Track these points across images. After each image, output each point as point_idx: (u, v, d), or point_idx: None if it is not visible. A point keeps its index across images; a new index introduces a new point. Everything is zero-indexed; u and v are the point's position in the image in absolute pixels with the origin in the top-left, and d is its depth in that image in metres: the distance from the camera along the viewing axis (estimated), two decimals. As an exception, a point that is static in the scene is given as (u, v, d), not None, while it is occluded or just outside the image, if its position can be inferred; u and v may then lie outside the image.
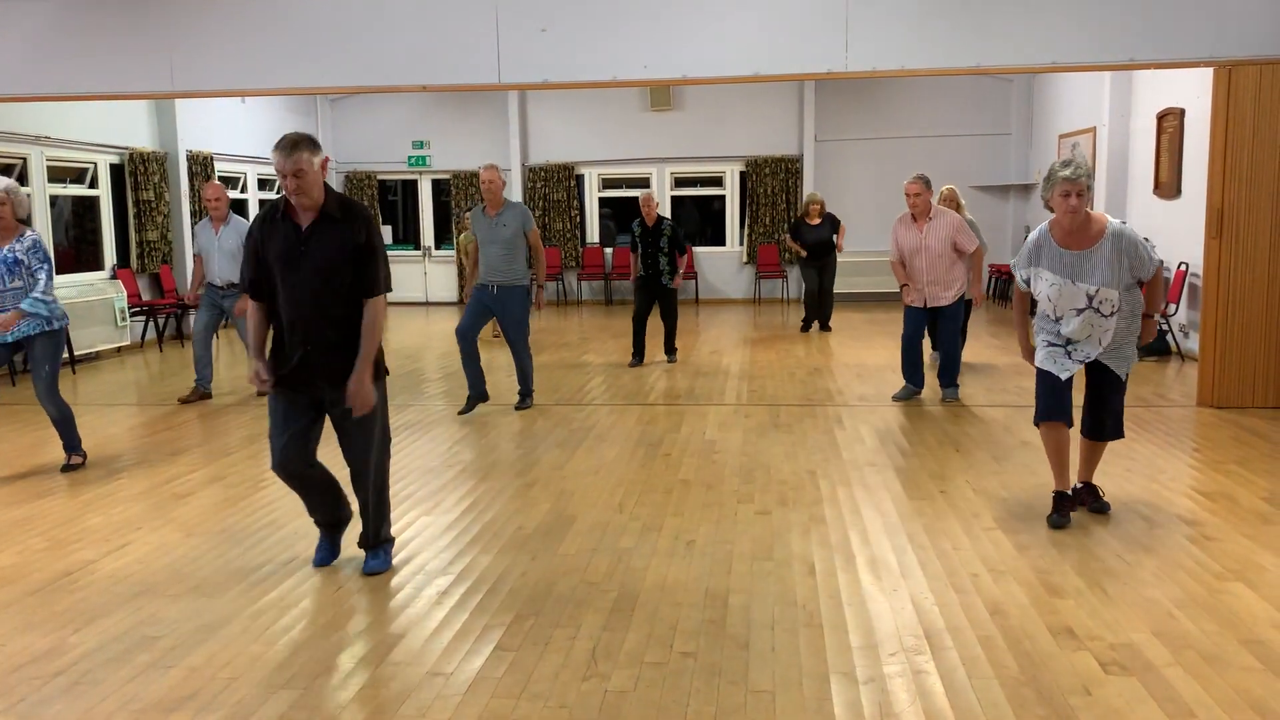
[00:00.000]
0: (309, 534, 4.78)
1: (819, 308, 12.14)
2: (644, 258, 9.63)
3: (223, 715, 3.09)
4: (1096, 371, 4.72)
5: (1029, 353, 4.89)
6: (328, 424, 4.23)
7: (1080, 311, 4.53)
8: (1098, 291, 4.47)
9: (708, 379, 8.94)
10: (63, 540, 4.75)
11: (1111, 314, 4.52)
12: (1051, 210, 4.56)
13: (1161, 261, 4.64)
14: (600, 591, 4.02)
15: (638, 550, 4.50)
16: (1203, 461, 5.87)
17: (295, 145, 3.91)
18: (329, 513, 4.36)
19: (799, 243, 11.99)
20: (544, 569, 4.29)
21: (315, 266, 3.96)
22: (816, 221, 11.92)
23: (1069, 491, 4.79)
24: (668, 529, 4.79)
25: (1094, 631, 3.56)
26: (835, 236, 11.95)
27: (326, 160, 4.02)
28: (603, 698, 3.16)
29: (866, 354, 10.23)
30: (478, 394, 7.58)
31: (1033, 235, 4.68)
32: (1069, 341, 4.63)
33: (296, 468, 4.13)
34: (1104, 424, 4.78)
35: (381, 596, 4.02)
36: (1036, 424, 4.82)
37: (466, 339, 7.49)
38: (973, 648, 3.45)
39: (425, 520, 5.02)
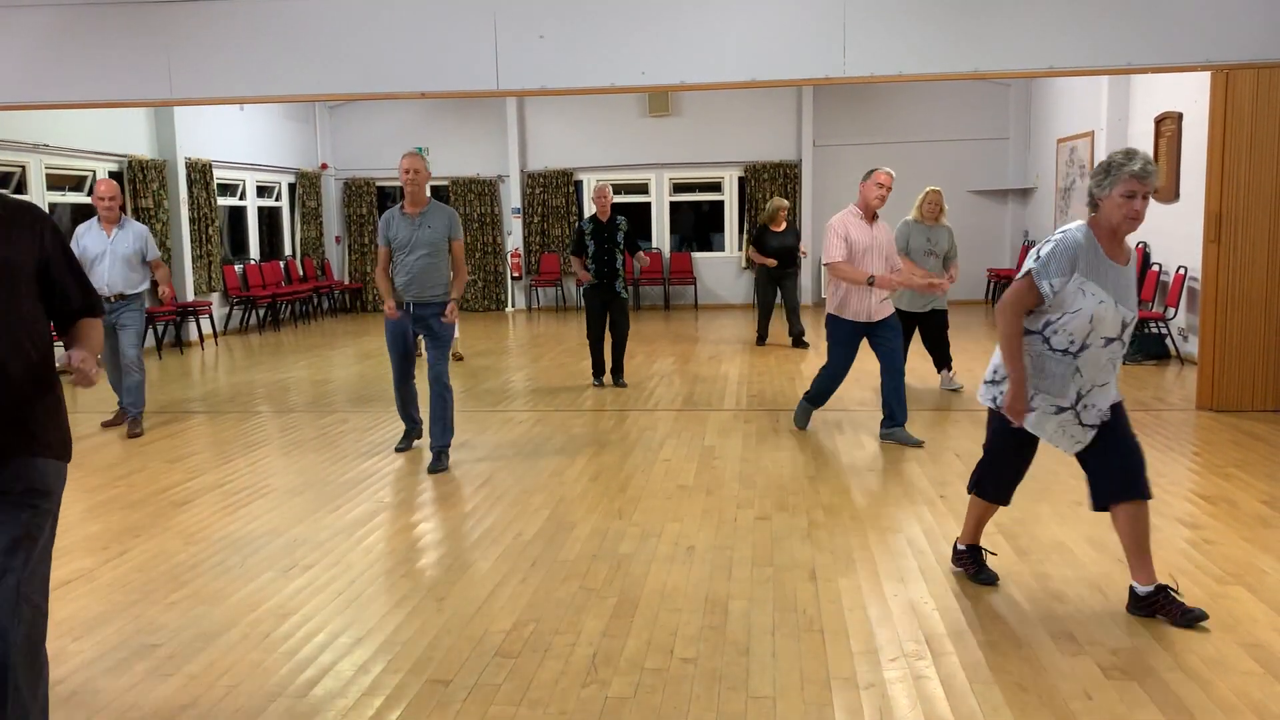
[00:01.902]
0: (308, 540, 4.78)
1: (769, 321, 11.63)
2: (596, 258, 8.62)
3: (222, 723, 3.09)
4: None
5: (1021, 400, 3.70)
6: None
7: (1109, 342, 3.62)
8: (1132, 320, 3.65)
9: (707, 385, 8.94)
10: (62, 548, 4.73)
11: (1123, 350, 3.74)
12: (1095, 211, 3.60)
13: None
14: (600, 598, 4.02)
15: (637, 556, 4.49)
16: (1202, 465, 5.87)
17: None
18: None
19: (764, 252, 11.28)
20: (543, 575, 4.28)
21: None
22: (781, 228, 11.36)
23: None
24: (667, 535, 4.79)
25: (1095, 636, 3.55)
26: (799, 245, 11.49)
27: None
28: (603, 704, 3.15)
29: (865, 360, 10.19)
30: (418, 430, 6.71)
31: (1069, 237, 3.60)
32: (1080, 398, 3.68)
33: None
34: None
35: (381, 603, 4.02)
36: (972, 493, 4.10)
37: (406, 385, 6.46)
38: (974, 652, 3.45)
39: (425, 526, 5.02)
